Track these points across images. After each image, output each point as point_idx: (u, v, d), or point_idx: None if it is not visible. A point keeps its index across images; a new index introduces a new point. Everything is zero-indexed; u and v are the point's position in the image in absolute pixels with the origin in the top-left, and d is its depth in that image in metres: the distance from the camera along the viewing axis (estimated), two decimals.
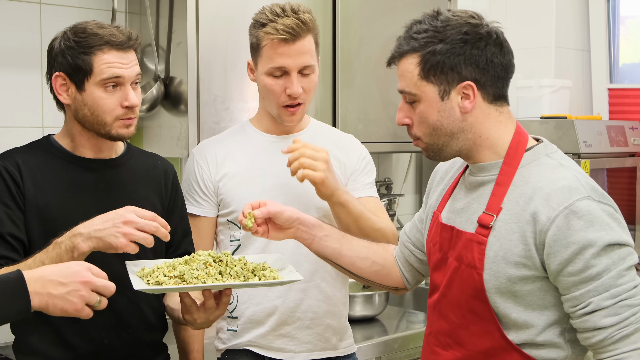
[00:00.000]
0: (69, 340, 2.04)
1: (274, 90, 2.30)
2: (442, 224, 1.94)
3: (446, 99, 1.82)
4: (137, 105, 2.09)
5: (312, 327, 2.37)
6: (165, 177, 2.26)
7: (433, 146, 1.89)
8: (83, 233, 1.87)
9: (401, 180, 4.07)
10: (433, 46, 1.80)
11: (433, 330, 1.95)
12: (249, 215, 2.03)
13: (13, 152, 2.13)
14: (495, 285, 1.77)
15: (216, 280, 1.90)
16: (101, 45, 2.04)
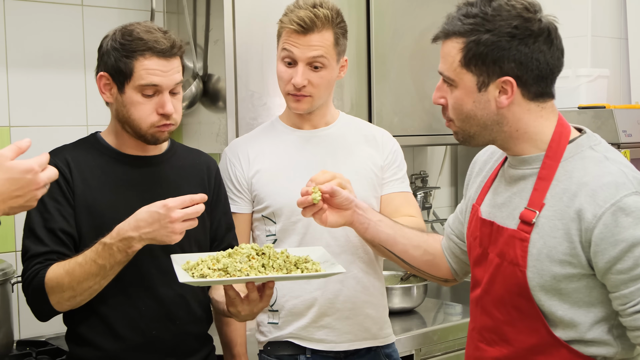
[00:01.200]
0: (119, 332, 2.09)
1: (282, 77, 2.35)
2: (482, 219, 1.91)
3: (483, 91, 1.77)
4: (172, 114, 2.10)
5: (351, 318, 2.39)
6: (208, 172, 2.29)
7: (464, 132, 1.86)
8: (134, 237, 1.93)
9: (437, 173, 4.06)
10: (479, 35, 1.74)
11: (477, 326, 1.92)
12: (314, 189, 2.03)
13: (63, 149, 2.18)
14: (540, 283, 1.74)
15: (259, 273, 1.93)
16: (143, 50, 2.06)
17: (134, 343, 2.11)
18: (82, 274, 1.96)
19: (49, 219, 2.04)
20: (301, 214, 2.10)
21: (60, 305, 2.02)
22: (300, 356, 2.41)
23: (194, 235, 2.18)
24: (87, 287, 1.99)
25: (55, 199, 2.07)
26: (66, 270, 1.98)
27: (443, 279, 2.22)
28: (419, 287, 3.29)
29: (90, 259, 1.96)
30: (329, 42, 2.31)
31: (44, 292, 2.00)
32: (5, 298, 2.54)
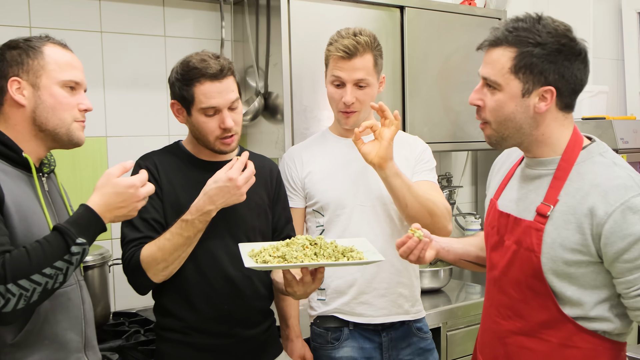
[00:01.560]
0: (197, 306, 2.11)
1: (334, 97, 2.34)
2: (500, 212, 1.89)
3: (526, 97, 1.73)
4: (232, 127, 2.10)
5: (386, 295, 2.38)
6: (270, 174, 2.29)
7: (498, 134, 1.81)
8: (212, 209, 2.00)
9: (459, 174, 4.03)
10: (531, 47, 1.70)
11: (494, 303, 1.91)
12: (413, 230, 1.97)
13: (151, 154, 2.21)
14: (552, 268, 1.74)
15: (312, 260, 1.93)
16: (199, 77, 2.06)
17: (208, 315, 2.13)
18: (171, 246, 2.01)
19: (143, 211, 2.05)
20: (408, 260, 2.04)
21: (156, 276, 2.05)
22: (344, 329, 2.42)
23: (258, 227, 2.21)
24: (177, 257, 2.03)
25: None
26: (157, 246, 2.02)
27: None
28: (445, 270, 3.28)
29: (177, 234, 2.01)
30: (370, 64, 2.31)
31: (141, 268, 2.03)
32: (104, 277, 2.58)
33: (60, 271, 1.64)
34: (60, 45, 1.82)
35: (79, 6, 2.76)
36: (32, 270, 1.59)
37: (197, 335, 2.13)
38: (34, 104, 1.77)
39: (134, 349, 2.40)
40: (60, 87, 1.78)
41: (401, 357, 2.43)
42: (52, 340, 1.75)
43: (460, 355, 3.04)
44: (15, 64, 1.76)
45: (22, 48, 1.77)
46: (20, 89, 1.75)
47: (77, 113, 1.81)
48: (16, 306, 1.59)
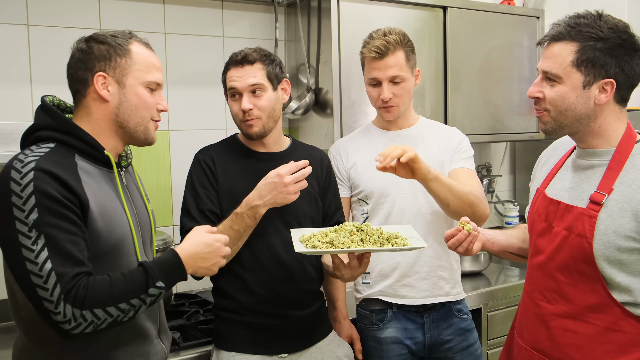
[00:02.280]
0: (252, 288, 2.07)
1: (372, 96, 2.30)
2: (549, 199, 1.82)
3: (587, 89, 1.67)
4: (248, 109, 2.05)
5: (428, 278, 2.32)
6: (321, 164, 2.24)
7: (557, 122, 1.73)
8: (259, 204, 1.94)
9: (498, 164, 3.95)
10: (594, 42, 1.65)
11: (538, 287, 1.83)
12: (463, 224, 1.90)
13: (209, 147, 2.17)
14: (604, 254, 1.66)
15: (358, 245, 1.89)
16: (228, 64, 2.09)
17: (263, 297, 2.08)
18: None
19: (200, 202, 2.05)
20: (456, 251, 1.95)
21: None
22: (388, 310, 2.35)
23: (309, 214, 2.15)
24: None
25: (204, 187, 2.07)
26: None
27: None
28: (485, 254, 3.19)
29: (228, 226, 1.96)
30: (402, 61, 2.25)
31: None
32: None
33: (133, 308, 1.53)
34: (144, 44, 1.73)
35: (145, 9, 2.74)
36: (111, 302, 1.49)
37: (252, 315, 2.09)
38: (118, 101, 1.66)
39: (194, 327, 2.37)
40: (143, 87, 1.69)
41: (442, 336, 2.35)
42: (134, 330, 1.68)
43: (500, 334, 2.95)
44: (103, 59, 1.64)
45: (110, 44, 1.66)
46: (106, 84, 1.65)
47: (155, 113, 1.72)
48: (83, 331, 1.48)
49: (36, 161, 1.50)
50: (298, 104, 2.89)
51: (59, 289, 1.44)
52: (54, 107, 1.65)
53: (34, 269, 1.44)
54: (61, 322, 1.45)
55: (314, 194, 2.18)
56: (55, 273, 1.44)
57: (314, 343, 2.16)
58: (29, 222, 1.44)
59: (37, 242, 1.44)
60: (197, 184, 2.08)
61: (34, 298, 1.45)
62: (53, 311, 1.44)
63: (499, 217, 3.92)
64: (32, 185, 1.46)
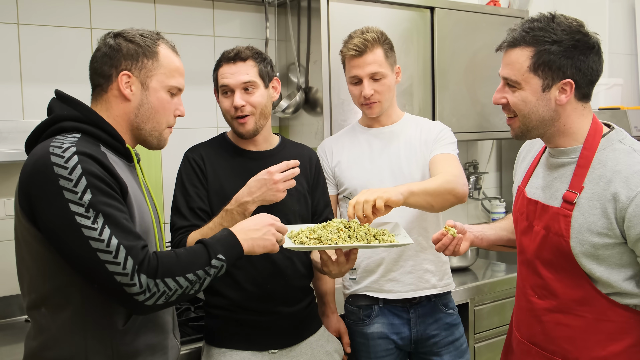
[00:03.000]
0: (242, 285, 2.05)
1: (354, 94, 2.28)
2: (528, 198, 1.83)
3: (547, 92, 1.67)
4: (240, 106, 2.02)
5: (413, 272, 2.30)
6: (310, 162, 2.23)
7: (524, 126, 1.74)
8: (249, 200, 1.91)
9: (485, 162, 3.95)
10: (548, 45, 1.64)
11: (528, 283, 1.84)
12: (447, 228, 1.92)
13: (199, 146, 2.15)
14: (581, 251, 1.68)
15: (346, 242, 1.88)
16: (220, 61, 2.07)
17: (253, 294, 2.06)
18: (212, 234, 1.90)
19: (190, 200, 2.04)
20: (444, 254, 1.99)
21: None
22: (374, 306, 2.34)
23: (298, 211, 2.13)
24: None
25: (194, 185, 2.05)
26: (201, 234, 1.96)
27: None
28: (472, 250, 3.17)
29: (218, 223, 1.94)
30: (381, 57, 2.23)
31: None
32: None
33: (199, 280, 1.54)
34: (171, 47, 1.70)
35: (136, 8, 2.70)
36: (179, 272, 1.50)
37: (242, 312, 2.07)
38: (140, 102, 1.64)
39: (184, 324, 2.35)
40: (165, 91, 1.66)
41: (428, 331, 2.33)
42: (154, 323, 1.66)
43: (487, 328, 2.94)
44: (130, 58, 1.62)
45: (139, 44, 1.63)
46: (130, 83, 1.62)
47: (171, 118, 1.70)
48: (157, 302, 1.49)
49: (75, 145, 1.48)
50: (288, 103, 2.87)
51: (132, 261, 1.44)
52: (76, 99, 1.62)
53: (100, 246, 1.42)
54: (137, 294, 1.45)
55: (303, 191, 2.16)
56: (124, 247, 1.44)
57: (304, 339, 2.15)
58: (84, 202, 1.43)
59: (96, 221, 1.43)
60: (187, 182, 2.06)
61: (104, 275, 1.43)
62: (128, 283, 1.44)
63: (486, 213, 3.91)
64: (80, 167, 1.45)
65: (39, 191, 1.44)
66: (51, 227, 1.45)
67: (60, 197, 1.43)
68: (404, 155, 2.30)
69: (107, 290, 1.46)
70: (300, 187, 2.16)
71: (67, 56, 2.53)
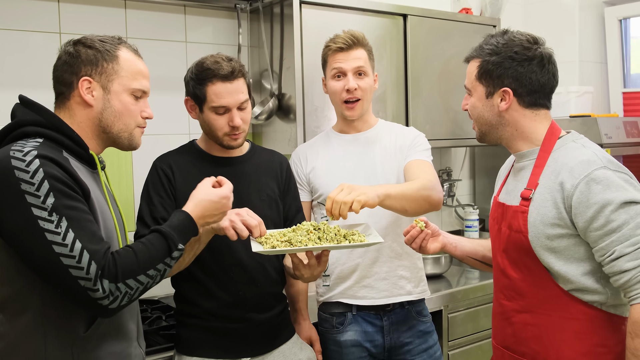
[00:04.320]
0: (214, 293, 2.03)
1: (336, 89, 2.26)
2: (497, 202, 1.92)
3: (490, 98, 1.82)
4: (239, 125, 2.02)
5: (387, 279, 2.29)
6: (280, 167, 2.22)
7: (480, 130, 1.88)
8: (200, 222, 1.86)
9: (459, 169, 3.96)
10: (489, 56, 1.80)
11: (498, 286, 1.90)
12: (417, 221, 2.01)
13: (166, 155, 2.13)
14: (538, 244, 1.73)
15: (316, 243, 1.88)
16: (211, 78, 1.99)
17: (225, 302, 2.04)
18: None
19: (154, 210, 2.02)
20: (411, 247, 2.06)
21: None
22: (347, 314, 2.32)
23: (270, 217, 2.12)
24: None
25: (159, 195, 2.04)
26: None
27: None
28: (446, 257, 3.18)
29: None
30: (365, 57, 2.28)
31: None
32: None
33: (159, 273, 1.57)
34: (133, 51, 1.69)
35: (106, 13, 2.67)
36: (140, 271, 1.52)
37: (214, 320, 2.05)
38: (102, 106, 1.63)
39: (156, 333, 2.31)
40: (128, 94, 1.65)
41: (402, 339, 2.32)
42: (118, 330, 1.65)
43: (461, 335, 2.94)
44: (90, 63, 1.62)
45: (98, 49, 1.63)
46: (91, 89, 1.62)
47: (140, 120, 1.70)
48: (120, 303, 1.50)
49: (36, 149, 1.47)
50: (261, 109, 2.86)
51: (95, 266, 1.44)
52: (39, 104, 1.61)
53: (63, 251, 1.42)
54: (100, 298, 1.45)
55: (274, 197, 2.15)
56: (87, 251, 1.44)
57: (276, 346, 2.13)
58: (48, 206, 1.42)
59: (60, 225, 1.42)
60: (152, 191, 2.04)
61: (67, 280, 1.43)
62: (92, 288, 1.44)
63: (460, 220, 3.92)
64: (42, 171, 1.44)
65: (0, 196, 1.43)
66: (14, 231, 1.43)
67: (22, 201, 1.42)
68: (379, 161, 2.30)
69: (71, 294, 1.45)
70: (272, 192, 2.15)
71: (35, 61, 2.49)
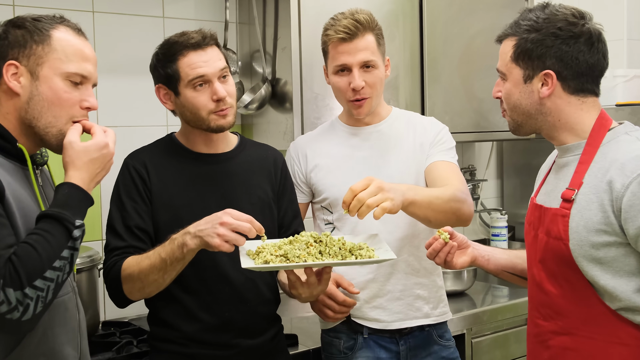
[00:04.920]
0: (196, 314, 2.03)
1: (340, 86, 2.26)
2: (535, 204, 1.90)
3: (528, 83, 1.81)
4: (225, 97, 2.02)
5: (402, 298, 2.29)
6: (275, 165, 2.21)
7: (514, 121, 1.88)
8: (191, 232, 1.84)
9: (484, 167, 3.96)
10: (528, 34, 1.78)
11: (534, 304, 1.88)
12: (439, 233, 1.97)
13: (140, 151, 2.13)
14: (581, 254, 1.71)
15: (316, 259, 1.87)
16: (181, 50, 2.01)
17: (209, 324, 2.04)
18: (148, 266, 1.91)
19: (127, 217, 2.02)
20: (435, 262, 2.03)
21: (132, 294, 1.98)
22: (358, 336, 2.31)
23: (262, 224, 2.03)
24: (153, 280, 1.92)
25: (132, 199, 2.04)
26: (137, 262, 1.94)
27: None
28: (469, 271, 3.17)
29: (157, 252, 1.91)
30: (373, 44, 2.24)
31: (119, 281, 1.96)
32: (92, 282, 2.50)
33: (67, 260, 1.55)
34: (73, 29, 1.68)
35: None
36: (45, 267, 1.50)
37: (195, 346, 2.05)
38: (29, 94, 1.62)
39: None
40: (62, 79, 1.63)
41: None
42: (48, 356, 1.63)
43: None
44: (17, 45, 1.61)
45: (27, 29, 1.61)
46: (17, 75, 1.60)
47: (76, 111, 1.67)
48: (35, 311, 1.50)
49: None
50: (252, 97, 2.85)
51: None
52: None
53: None
54: (9, 311, 1.45)
55: (267, 200, 2.15)
56: None
57: None
58: None
59: None
60: (124, 195, 2.04)
61: None
62: None
63: (485, 228, 3.92)
64: None
65: None
66: None
67: None
68: (395, 160, 2.29)
69: None
70: (265, 195, 2.14)
71: None
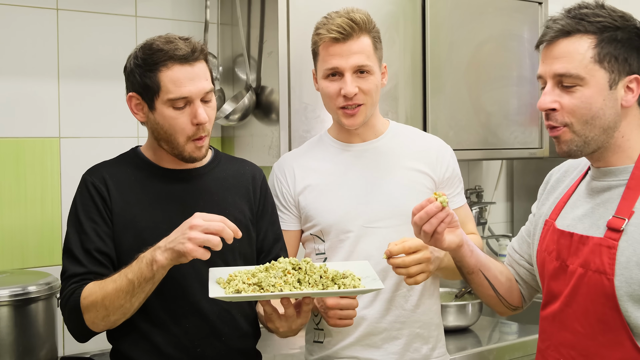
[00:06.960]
0: (163, 350, 2.00)
1: (330, 92, 2.23)
2: (560, 231, 1.84)
3: (613, 89, 1.72)
4: (205, 123, 2.01)
5: (399, 337, 2.27)
6: (253, 182, 2.20)
7: (581, 137, 1.75)
8: (160, 246, 1.84)
9: (492, 188, 3.97)
10: (613, 32, 1.70)
11: (553, 343, 1.84)
12: (438, 194, 1.87)
13: (100, 166, 2.11)
14: (628, 292, 1.67)
15: (294, 288, 1.85)
16: (165, 60, 1.97)
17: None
18: (113, 289, 1.89)
19: (85, 240, 2.00)
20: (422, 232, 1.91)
21: (95, 325, 1.95)
22: None
23: (238, 248, 2.10)
24: (119, 306, 1.89)
25: (92, 219, 2.02)
26: (100, 287, 1.91)
27: (513, 307, 2.12)
28: (474, 305, 3.15)
29: (123, 274, 1.89)
30: (369, 47, 2.22)
31: (79, 311, 1.94)
32: (50, 313, 2.46)
33: None
34: None
35: None
36: None
37: None
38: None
39: None
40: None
41: None
42: None
43: None
44: None
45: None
46: None
47: None
48: None
49: None
50: (234, 107, 2.85)
51: None
52: None
53: None
54: None
55: (244, 221, 2.12)
56: None
57: None
58: None
59: None
60: (83, 215, 2.01)
61: None
62: None
63: (493, 256, 3.87)
64: None
65: None
66: None
67: None
68: (395, 182, 2.27)
69: None
70: (241, 215, 2.12)
71: None
